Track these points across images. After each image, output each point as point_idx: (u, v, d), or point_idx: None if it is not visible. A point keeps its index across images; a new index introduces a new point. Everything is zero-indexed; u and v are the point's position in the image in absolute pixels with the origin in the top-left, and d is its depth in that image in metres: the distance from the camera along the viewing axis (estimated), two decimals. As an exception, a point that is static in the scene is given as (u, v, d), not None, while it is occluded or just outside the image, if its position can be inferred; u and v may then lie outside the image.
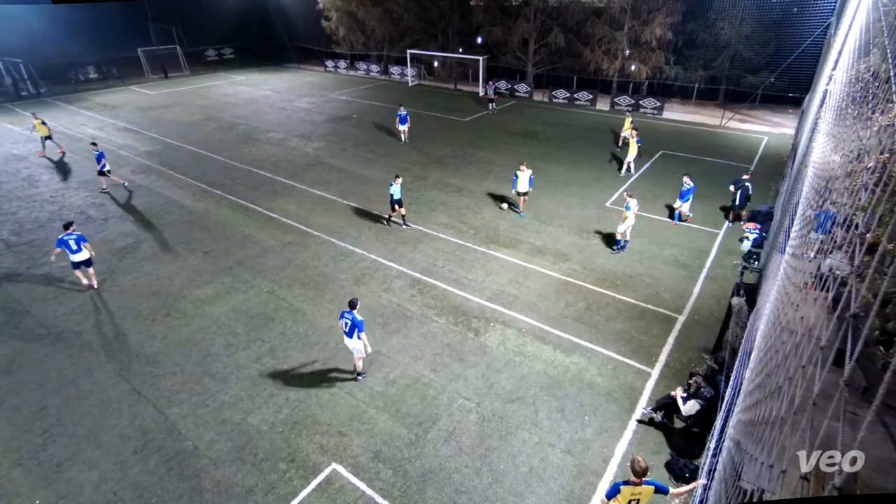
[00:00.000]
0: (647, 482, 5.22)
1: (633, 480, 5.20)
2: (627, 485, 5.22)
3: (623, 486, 5.24)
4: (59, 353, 9.03)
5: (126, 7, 38.52)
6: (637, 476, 5.16)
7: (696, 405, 7.07)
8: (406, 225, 13.72)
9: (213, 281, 11.22)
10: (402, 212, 13.53)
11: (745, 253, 12.16)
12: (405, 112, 20.18)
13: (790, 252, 5.70)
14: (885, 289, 2.24)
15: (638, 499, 5.27)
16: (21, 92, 29.83)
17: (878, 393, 1.81)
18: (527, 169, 13.79)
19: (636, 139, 17.00)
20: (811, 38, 21.00)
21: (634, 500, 5.28)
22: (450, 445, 7.19)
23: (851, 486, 2.11)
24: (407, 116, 20.23)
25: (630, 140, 17.26)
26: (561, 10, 28.71)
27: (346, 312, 7.75)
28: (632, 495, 5.24)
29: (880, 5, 6.18)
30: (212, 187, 16.46)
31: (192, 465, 6.89)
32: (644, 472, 5.16)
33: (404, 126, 20.27)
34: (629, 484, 5.22)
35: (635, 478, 5.18)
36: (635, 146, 16.97)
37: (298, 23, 41.13)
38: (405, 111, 20.20)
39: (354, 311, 7.74)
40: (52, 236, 13.15)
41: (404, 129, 20.38)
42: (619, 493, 5.25)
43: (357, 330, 7.68)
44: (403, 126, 20.26)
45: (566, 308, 10.29)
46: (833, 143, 5.98)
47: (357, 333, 7.71)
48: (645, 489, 5.22)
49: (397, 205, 13.30)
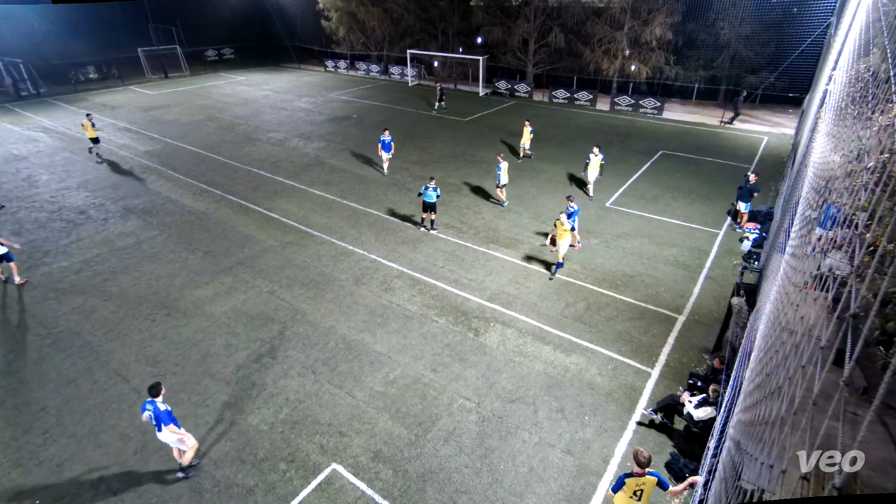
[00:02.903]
0: (651, 473, 5.32)
1: (636, 472, 5.30)
2: (631, 476, 5.33)
3: (627, 478, 5.34)
4: (59, 353, 9.03)
5: (126, 7, 38.54)
6: (641, 467, 5.26)
7: (713, 412, 7.04)
8: (427, 229, 13.43)
9: (213, 281, 11.22)
10: (431, 217, 13.21)
11: (745, 253, 12.17)
12: (390, 138, 16.79)
13: (790, 252, 5.70)
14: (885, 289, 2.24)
15: (642, 489, 5.35)
16: (21, 92, 29.82)
17: (878, 393, 1.81)
18: (504, 160, 14.38)
19: (530, 129, 18.17)
20: (811, 38, 21.02)
21: (639, 491, 5.37)
22: (450, 445, 7.19)
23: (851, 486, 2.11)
24: (391, 144, 16.87)
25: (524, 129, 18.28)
26: (561, 10, 28.73)
27: (148, 402, 6.30)
28: (636, 486, 5.33)
29: (880, 5, 6.17)
30: (212, 187, 16.46)
31: (192, 465, 6.89)
32: (647, 463, 5.26)
33: (388, 154, 16.97)
34: (633, 476, 5.32)
35: (639, 468, 5.27)
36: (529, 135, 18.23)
37: (298, 23, 41.15)
38: (389, 137, 16.82)
39: (157, 399, 6.31)
40: (52, 236, 13.18)
41: (387, 158, 17.08)
42: (625, 486, 5.33)
43: (162, 423, 6.29)
44: (387, 154, 16.96)
45: (566, 308, 10.29)
46: (833, 143, 5.98)
47: (164, 426, 6.31)
48: (648, 480, 5.31)
49: (431, 210, 12.98)
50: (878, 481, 2.52)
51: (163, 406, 6.35)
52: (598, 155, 14.87)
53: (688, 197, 15.67)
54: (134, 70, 35.68)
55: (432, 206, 12.91)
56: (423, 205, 13.01)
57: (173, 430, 6.40)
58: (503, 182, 14.58)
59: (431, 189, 12.68)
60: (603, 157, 14.99)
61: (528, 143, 18.57)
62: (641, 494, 5.38)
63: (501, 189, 14.82)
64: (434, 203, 12.87)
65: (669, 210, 14.74)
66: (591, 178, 15.29)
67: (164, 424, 6.30)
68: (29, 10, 33.42)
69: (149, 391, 6.33)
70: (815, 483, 2.08)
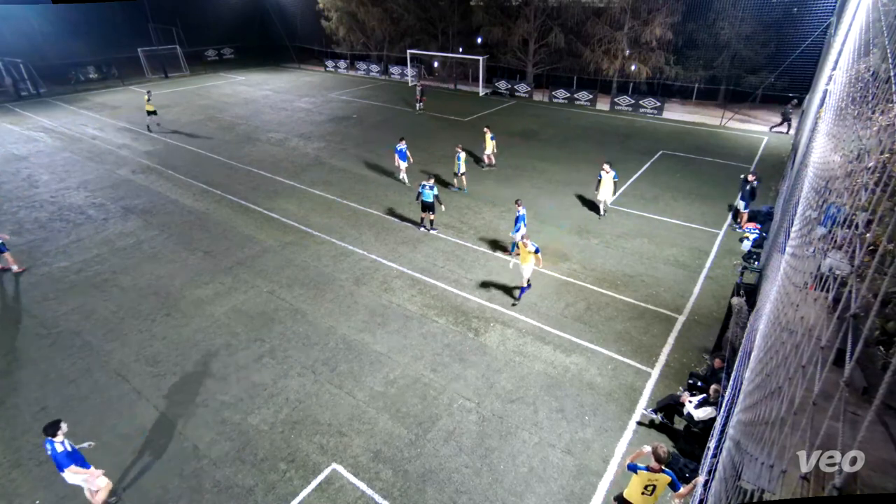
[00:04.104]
0: (666, 471, 5.33)
1: (653, 466, 5.31)
2: (648, 470, 5.33)
3: (643, 469, 5.35)
4: (59, 353, 9.03)
5: (126, 7, 38.51)
6: (659, 462, 5.27)
7: (713, 412, 7.05)
8: (427, 229, 13.42)
9: (213, 281, 11.22)
10: (431, 217, 13.22)
11: (745, 253, 12.17)
12: (404, 146, 15.87)
13: (790, 252, 5.70)
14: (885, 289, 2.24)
15: (654, 485, 5.36)
16: (21, 92, 29.81)
17: (878, 393, 1.81)
18: (462, 151, 15.45)
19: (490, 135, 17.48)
20: (811, 38, 21.00)
21: (650, 487, 5.38)
22: (450, 445, 7.19)
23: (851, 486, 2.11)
24: (406, 152, 15.94)
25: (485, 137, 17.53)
26: (561, 10, 28.72)
27: (46, 441, 5.77)
28: (649, 481, 5.34)
29: (880, 5, 6.18)
30: (212, 187, 16.46)
31: (192, 465, 6.89)
32: (666, 461, 5.27)
33: (405, 162, 16.04)
34: (650, 470, 5.33)
35: (656, 464, 5.28)
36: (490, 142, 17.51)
37: (298, 23, 41.12)
38: (405, 145, 15.87)
39: (56, 439, 5.71)
40: (51, 236, 13.18)
41: (405, 167, 16.08)
42: (637, 474, 5.36)
43: (62, 466, 5.73)
44: (403, 162, 16.02)
45: (566, 308, 10.29)
46: (833, 143, 5.98)
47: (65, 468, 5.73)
48: (662, 478, 5.32)
49: (429, 210, 13.00)
50: (878, 481, 2.52)
51: (61, 447, 5.72)
52: (609, 172, 13.51)
53: (688, 197, 15.67)
54: (134, 70, 35.66)
55: (430, 205, 12.90)
56: (422, 205, 13.01)
57: (75, 470, 5.83)
58: (462, 171, 15.62)
59: (429, 188, 12.69)
60: (615, 175, 13.62)
61: (491, 150, 17.59)
62: (653, 490, 5.40)
63: (461, 176, 15.78)
64: (432, 203, 12.85)
65: (669, 210, 14.73)
66: (603, 197, 13.94)
67: (64, 466, 5.75)
68: (29, 10, 33.40)
69: (44, 431, 5.75)
70: (815, 483, 2.08)
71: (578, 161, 18.95)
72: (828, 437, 2.10)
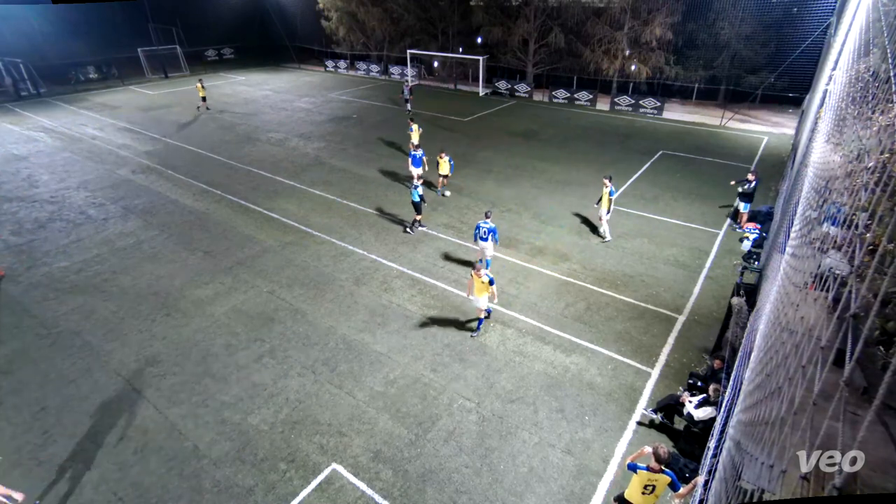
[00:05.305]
0: (666, 471, 5.33)
1: (653, 466, 5.31)
2: (648, 470, 5.34)
3: (643, 469, 5.36)
4: (59, 353, 9.03)
5: (126, 7, 38.51)
6: (659, 462, 5.28)
7: (713, 412, 7.05)
8: (411, 230, 13.41)
9: (213, 281, 11.22)
10: (416, 217, 13.24)
11: (745, 253, 12.17)
12: (421, 153, 15.28)
13: (790, 252, 5.70)
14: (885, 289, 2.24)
15: (654, 485, 5.37)
16: (21, 92, 29.82)
17: (878, 393, 1.81)
18: (446, 156, 14.93)
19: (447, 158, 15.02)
20: (811, 38, 20.99)
21: (650, 487, 5.38)
22: (450, 445, 7.19)
23: (851, 486, 2.11)
24: (423, 159, 15.27)
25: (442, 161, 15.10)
26: (561, 10, 28.72)
27: None
28: (648, 481, 5.35)
29: (880, 5, 6.17)
30: (212, 187, 16.46)
31: (192, 465, 6.89)
32: (666, 461, 5.27)
33: (418, 169, 14.99)
34: (650, 470, 5.33)
35: (656, 464, 5.29)
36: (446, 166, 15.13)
37: (298, 23, 41.13)
38: (421, 151, 15.30)
39: None
40: (52, 236, 13.18)
41: (418, 174, 14.56)
42: (637, 474, 5.37)
43: None
44: (417, 169, 14.99)
45: (566, 308, 10.29)
46: (833, 143, 5.98)
47: None
48: (662, 478, 5.33)
49: (415, 209, 13.08)
50: (878, 481, 2.52)
51: None
52: (607, 186, 12.42)
53: (688, 197, 15.67)
54: (134, 70, 35.67)
55: (416, 205, 13.06)
56: (414, 205, 13.17)
57: None
58: (443, 172, 15.28)
59: (414, 188, 12.91)
60: (612, 192, 12.41)
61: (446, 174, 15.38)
62: (653, 490, 5.40)
63: (445, 179, 15.53)
64: (418, 203, 12.98)
65: (669, 210, 14.73)
66: (600, 214, 12.93)
67: None
68: (29, 10, 33.40)
69: None
70: (815, 483, 2.08)
71: (578, 161, 18.95)
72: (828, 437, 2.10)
